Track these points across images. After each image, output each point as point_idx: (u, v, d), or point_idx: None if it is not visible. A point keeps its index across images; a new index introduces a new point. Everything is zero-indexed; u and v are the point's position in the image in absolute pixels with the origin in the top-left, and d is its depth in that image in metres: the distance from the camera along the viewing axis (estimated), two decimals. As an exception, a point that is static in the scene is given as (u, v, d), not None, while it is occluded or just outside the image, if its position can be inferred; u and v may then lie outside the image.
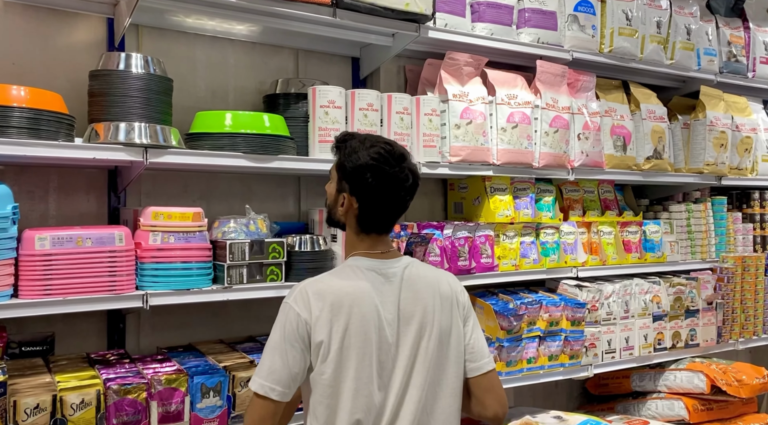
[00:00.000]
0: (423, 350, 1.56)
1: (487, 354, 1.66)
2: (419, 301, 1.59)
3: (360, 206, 1.58)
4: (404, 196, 1.60)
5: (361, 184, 1.56)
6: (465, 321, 1.66)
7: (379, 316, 1.54)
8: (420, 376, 1.55)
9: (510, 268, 2.71)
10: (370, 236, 1.62)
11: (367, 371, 1.50)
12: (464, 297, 1.69)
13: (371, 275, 1.57)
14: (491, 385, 1.63)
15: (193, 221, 1.99)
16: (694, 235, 3.38)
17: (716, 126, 3.37)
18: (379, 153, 1.55)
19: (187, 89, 2.43)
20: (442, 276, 1.69)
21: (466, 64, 2.66)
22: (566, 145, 2.86)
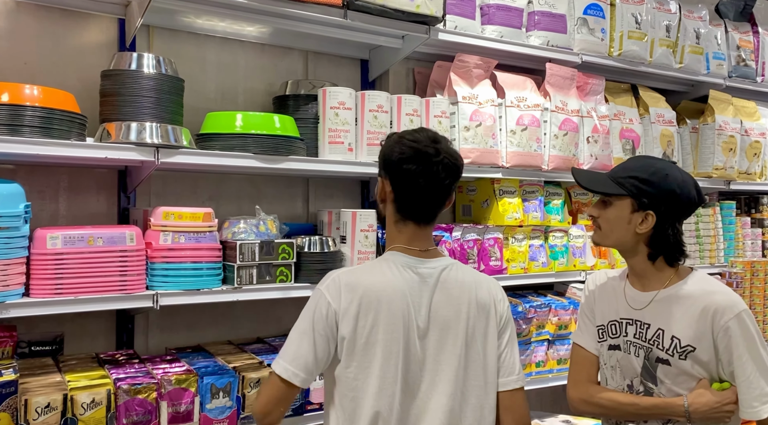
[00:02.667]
0: (452, 357, 1.50)
1: (517, 371, 1.58)
2: (452, 306, 1.53)
3: (393, 188, 1.53)
4: (437, 175, 1.50)
5: (391, 161, 1.52)
6: (501, 332, 1.58)
7: (410, 317, 1.49)
8: (448, 384, 1.49)
9: (519, 271, 2.70)
10: (408, 226, 1.56)
11: (392, 371, 1.47)
12: (503, 307, 1.60)
13: (407, 273, 1.52)
14: (513, 405, 1.55)
15: (204, 221, 1.99)
16: (703, 240, 3.36)
17: (725, 130, 3.36)
18: (411, 134, 1.54)
19: (197, 90, 2.43)
20: (483, 282, 1.61)
21: (475, 67, 2.66)
22: (575, 148, 2.85)
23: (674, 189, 1.68)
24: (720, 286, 1.73)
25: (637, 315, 1.76)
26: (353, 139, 2.33)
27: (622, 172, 1.74)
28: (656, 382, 1.71)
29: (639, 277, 1.78)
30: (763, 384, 1.63)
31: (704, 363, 1.67)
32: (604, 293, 1.86)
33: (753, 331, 1.65)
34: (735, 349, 1.63)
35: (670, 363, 1.69)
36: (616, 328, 1.80)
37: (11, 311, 1.70)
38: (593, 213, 1.77)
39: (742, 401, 1.65)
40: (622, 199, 1.71)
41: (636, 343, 1.75)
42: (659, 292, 1.73)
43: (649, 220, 1.69)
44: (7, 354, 1.86)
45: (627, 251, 1.77)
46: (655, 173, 1.70)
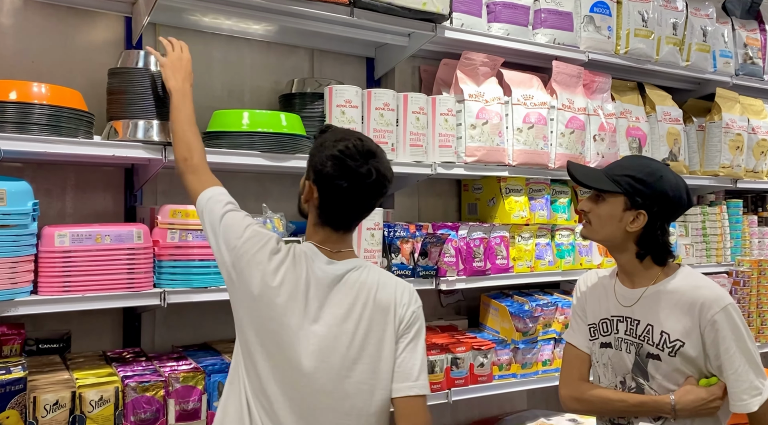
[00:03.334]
0: (336, 355, 1.47)
1: (415, 377, 1.49)
2: (345, 305, 1.50)
3: (320, 196, 1.52)
4: (365, 193, 1.51)
5: (322, 173, 1.50)
6: (402, 336, 1.52)
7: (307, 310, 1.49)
8: (330, 383, 1.47)
9: (525, 270, 2.69)
10: (325, 229, 1.55)
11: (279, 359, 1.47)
12: (406, 311, 1.53)
13: (310, 265, 1.52)
14: (408, 413, 1.47)
15: (211, 219, 1.98)
16: (710, 238, 3.35)
17: (732, 128, 3.34)
18: (346, 146, 1.50)
19: (203, 88, 2.43)
20: (388, 284, 1.56)
21: (482, 64, 2.65)
22: (582, 146, 2.84)
23: (667, 191, 1.70)
24: (706, 281, 1.76)
25: (627, 312, 1.78)
26: (360, 137, 2.32)
27: (618, 169, 1.75)
28: (647, 378, 1.73)
29: (628, 275, 1.80)
30: (751, 377, 1.64)
31: (693, 359, 1.68)
32: (595, 292, 1.88)
33: (739, 324, 1.66)
34: (722, 342, 1.64)
35: (660, 359, 1.70)
36: (608, 326, 1.82)
37: (20, 309, 1.71)
38: (585, 208, 1.78)
39: (731, 394, 1.66)
40: (616, 197, 1.72)
41: (627, 340, 1.77)
42: (648, 289, 1.75)
43: (640, 219, 1.71)
44: (15, 352, 1.87)
45: (615, 248, 1.79)
46: (651, 174, 1.71)
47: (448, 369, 2.39)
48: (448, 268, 2.48)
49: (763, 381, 1.65)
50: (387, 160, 1.57)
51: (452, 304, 2.99)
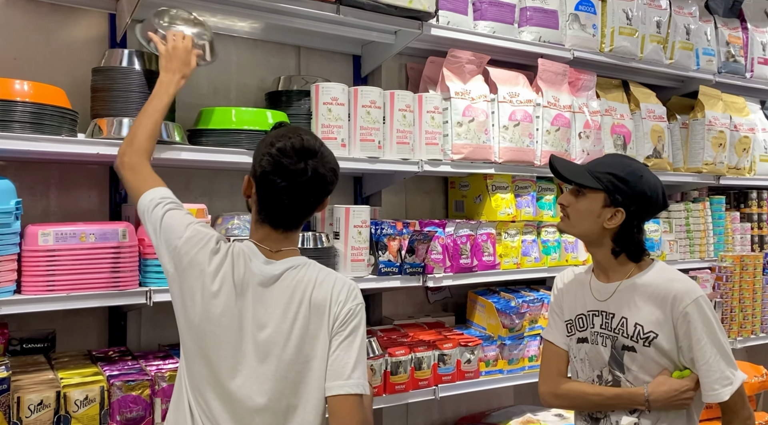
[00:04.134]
0: (273, 356, 1.47)
1: (347, 375, 1.46)
2: (280, 305, 1.49)
3: (257, 193, 1.52)
4: (301, 192, 1.49)
5: (258, 169, 1.50)
6: (336, 334, 1.49)
7: (244, 311, 1.49)
8: (267, 383, 1.46)
9: (512, 266, 2.71)
10: (264, 227, 1.54)
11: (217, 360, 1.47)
12: (342, 309, 1.50)
13: (248, 265, 1.51)
14: (339, 412, 1.45)
15: (197, 217, 1.98)
16: (693, 234, 3.39)
17: (715, 125, 3.38)
18: (284, 144, 1.48)
19: (189, 86, 2.39)
20: (326, 282, 1.52)
21: (468, 62, 2.66)
22: (567, 143, 2.86)
23: (646, 191, 1.75)
24: (678, 275, 1.81)
25: (602, 306, 1.82)
26: (346, 134, 2.33)
27: (600, 167, 1.78)
28: (623, 370, 1.77)
29: (603, 270, 1.84)
30: (723, 366, 1.68)
31: (666, 351, 1.72)
32: (571, 289, 1.93)
33: (710, 316, 1.71)
34: (694, 333, 1.69)
35: (635, 350, 1.74)
36: (584, 321, 1.86)
37: (3, 308, 1.69)
38: (564, 202, 1.82)
39: (703, 384, 1.70)
40: (596, 193, 1.75)
41: (603, 333, 1.81)
42: (622, 283, 1.79)
43: (618, 217, 1.74)
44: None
45: (591, 243, 1.83)
46: (632, 173, 1.75)
47: (435, 365, 2.40)
48: (435, 265, 2.49)
49: (734, 371, 1.70)
50: (331, 159, 1.54)
51: (439, 301, 3.00)
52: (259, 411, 1.45)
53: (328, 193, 1.55)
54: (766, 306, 3.55)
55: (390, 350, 2.29)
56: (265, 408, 1.46)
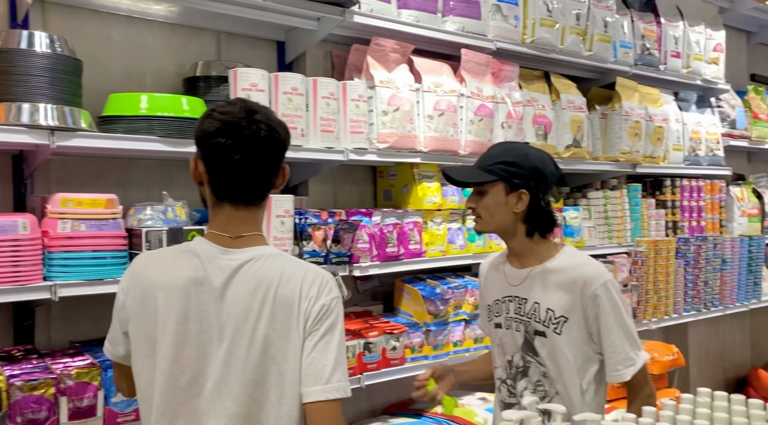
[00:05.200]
0: (238, 359, 1.35)
1: (326, 379, 1.34)
2: (242, 304, 1.36)
3: (207, 168, 1.38)
4: (256, 152, 1.36)
5: (205, 140, 1.36)
6: (310, 334, 1.37)
7: (191, 315, 1.36)
8: (235, 387, 1.35)
9: (438, 254, 2.74)
10: (224, 209, 1.40)
11: (165, 373, 1.36)
12: (314, 305, 1.37)
13: (196, 262, 1.38)
14: (317, 419, 1.35)
15: (106, 208, 1.90)
16: (611, 221, 3.53)
17: (631, 116, 3.53)
18: (226, 108, 1.38)
19: (101, 71, 2.30)
20: (294, 276, 1.39)
21: (392, 51, 2.66)
22: (491, 133, 2.91)
23: (537, 165, 1.80)
24: (588, 259, 1.87)
25: (516, 292, 1.87)
26: (267, 122, 2.27)
27: (489, 160, 1.83)
28: (537, 353, 1.82)
29: (517, 256, 1.89)
30: (627, 348, 1.75)
31: (575, 337, 1.78)
32: (491, 275, 1.99)
33: (617, 299, 1.78)
34: (602, 316, 1.75)
35: (545, 335, 1.80)
36: (499, 307, 1.92)
37: None
38: (472, 205, 1.86)
39: (607, 366, 1.78)
40: (495, 185, 1.80)
41: (516, 319, 1.86)
42: (534, 268, 1.85)
43: (523, 199, 1.80)
44: None
45: (507, 233, 1.87)
46: (518, 155, 1.81)
47: (361, 354, 2.40)
48: (361, 254, 2.49)
49: (638, 353, 1.77)
50: (277, 118, 1.43)
51: (369, 290, 3.00)
52: (229, 417, 1.35)
53: (283, 150, 1.42)
54: (679, 288, 3.75)
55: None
56: (236, 414, 1.36)
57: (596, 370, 1.80)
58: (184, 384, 1.37)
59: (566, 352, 1.78)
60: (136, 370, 1.42)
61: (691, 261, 3.80)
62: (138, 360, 1.41)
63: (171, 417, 1.38)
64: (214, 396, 1.36)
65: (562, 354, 1.78)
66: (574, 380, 1.78)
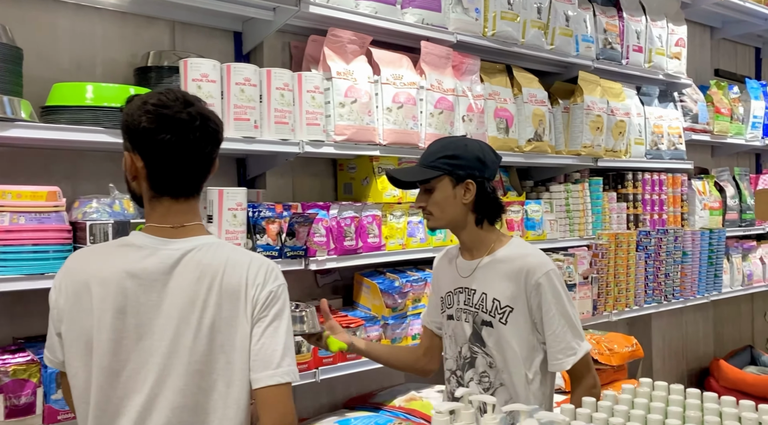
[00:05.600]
0: (184, 349, 1.34)
1: (276, 364, 1.36)
2: (187, 294, 1.36)
3: (146, 163, 1.37)
4: (195, 144, 1.36)
5: (139, 134, 1.35)
6: (258, 321, 1.38)
7: (129, 308, 1.34)
8: (179, 379, 1.34)
9: (397, 247, 2.73)
10: (163, 202, 1.40)
11: (104, 368, 1.33)
12: (261, 292, 1.39)
13: (134, 255, 1.36)
14: (271, 402, 1.36)
15: (48, 201, 1.85)
16: (573, 214, 3.56)
17: (593, 110, 3.55)
18: (158, 99, 1.36)
19: (48, 60, 2.24)
20: (239, 264, 1.40)
21: (350, 42, 2.63)
22: (451, 126, 2.91)
23: (478, 155, 1.84)
24: (533, 249, 1.90)
25: (465, 283, 1.89)
26: (218, 113, 2.23)
27: (430, 157, 1.85)
28: (484, 344, 1.84)
29: (468, 249, 1.91)
30: (568, 338, 1.78)
31: (520, 327, 1.80)
32: (444, 268, 2.01)
33: (560, 288, 1.81)
34: (544, 305, 1.78)
35: (492, 325, 1.82)
36: (451, 298, 1.93)
37: None
38: (421, 203, 1.88)
39: (549, 354, 1.81)
40: (441, 180, 1.82)
41: (465, 310, 1.88)
42: (483, 259, 1.88)
43: (471, 189, 1.82)
44: None
45: (458, 226, 1.89)
46: (457, 147, 1.84)
47: (316, 348, 2.38)
48: (318, 248, 2.47)
49: (580, 342, 1.79)
50: (209, 109, 1.44)
51: (329, 284, 2.98)
52: (174, 410, 1.34)
53: (219, 142, 1.43)
54: (640, 280, 3.80)
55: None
56: (182, 406, 1.34)
57: (541, 360, 1.82)
58: (125, 379, 1.35)
59: (512, 342, 1.79)
60: (71, 371, 1.38)
61: (652, 253, 3.85)
62: (72, 359, 1.37)
63: (112, 414, 1.35)
64: (156, 391, 1.34)
65: (508, 343, 1.79)
66: (520, 370, 1.80)
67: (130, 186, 1.45)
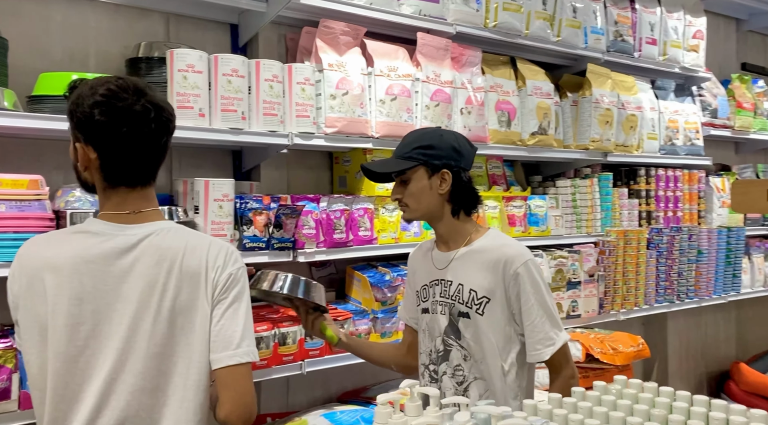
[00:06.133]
0: (144, 333, 1.34)
1: (235, 345, 1.37)
2: (147, 277, 1.36)
3: (99, 155, 1.35)
4: (149, 134, 1.36)
5: (92, 126, 1.33)
6: (218, 302, 1.39)
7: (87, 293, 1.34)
8: (139, 362, 1.35)
9: (390, 241, 2.70)
10: (119, 191, 1.39)
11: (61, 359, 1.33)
12: (221, 274, 1.39)
13: (90, 241, 1.35)
14: (230, 382, 1.37)
15: (29, 189, 1.88)
16: (580, 210, 3.47)
17: (601, 103, 3.45)
18: (108, 88, 1.33)
19: (40, 52, 2.27)
20: (199, 247, 1.40)
21: (342, 34, 2.61)
22: (448, 119, 2.86)
23: (453, 144, 1.80)
24: (510, 240, 1.88)
25: (441, 275, 1.86)
26: (205, 104, 2.24)
27: (405, 148, 1.82)
28: (460, 336, 1.80)
29: (444, 240, 1.88)
30: (547, 328, 1.74)
31: (498, 317, 1.76)
32: (419, 261, 1.98)
33: (538, 278, 1.77)
34: (522, 295, 1.74)
35: (469, 316, 1.78)
36: (426, 291, 1.90)
37: None
38: (398, 195, 1.85)
39: (528, 345, 1.77)
40: (417, 171, 1.80)
41: (441, 302, 1.85)
42: (459, 250, 1.84)
43: (446, 179, 1.80)
44: None
45: (435, 217, 1.86)
46: (432, 138, 1.81)
47: (302, 340, 2.37)
48: (306, 240, 2.45)
49: (558, 333, 1.75)
50: (160, 95, 1.43)
51: (324, 277, 2.97)
52: (133, 392, 1.34)
53: (172, 131, 1.43)
54: (650, 279, 3.69)
55: (251, 326, 2.25)
56: (141, 388, 1.35)
57: (518, 351, 1.78)
58: (82, 364, 1.35)
59: (488, 333, 1.76)
60: (25, 357, 1.39)
61: (664, 251, 3.73)
62: (27, 346, 1.38)
63: (70, 400, 1.35)
64: (114, 375, 1.35)
65: (485, 334, 1.76)
66: (496, 361, 1.76)
67: (81, 176, 1.44)
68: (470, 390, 1.78)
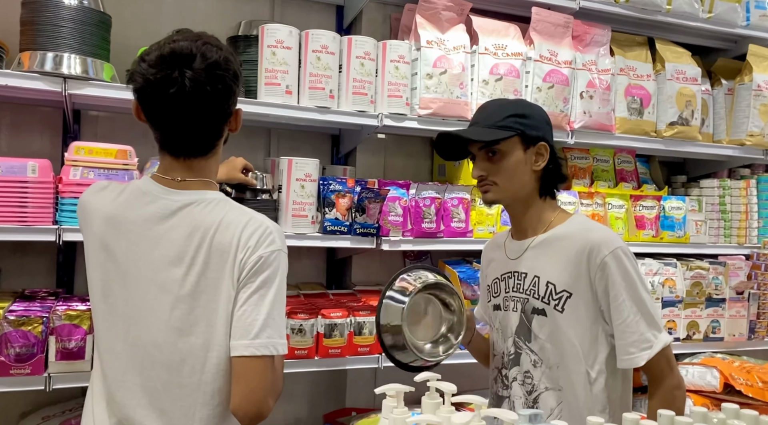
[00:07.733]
0: (164, 305, 1.29)
1: (253, 335, 1.26)
2: (173, 246, 1.29)
3: (144, 111, 1.32)
4: (180, 106, 1.27)
5: (135, 93, 1.31)
6: (243, 285, 1.28)
7: (113, 251, 1.32)
8: (159, 334, 1.29)
9: (487, 235, 2.46)
10: (165, 156, 1.36)
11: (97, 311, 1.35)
12: (252, 257, 1.28)
13: (137, 201, 1.34)
14: (242, 374, 1.26)
15: (117, 158, 1.94)
16: (729, 215, 2.94)
17: (763, 91, 2.90)
18: (151, 55, 1.29)
19: (152, 35, 2.31)
20: (235, 224, 1.30)
21: (445, 9, 2.42)
22: (564, 103, 2.55)
23: (544, 115, 1.60)
24: (597, 225, 1.58)
25: (514, 266, 1.60)
26: (293, 81, 2.19)
27: (494, 117, 1.56)
28: (531, 338, 1.54)
29: (522, 228, 1.63)
30: (642, 328, 1.43)
31: (581, 317, 1.47)
32: (493, 253, 1.73)
33: (631, 269, 1.45)
34: (612, 288, 1.45)
35: (546, 314, 1.51)
36: (498, 286, 1.65)
37: None
38: (482, 173, 1.59)
39: (618, 348, 1.46)
40: (509, 143, 1.54)
41: (514, 297, 1.59)
42: (536, 238, 1.57)
43: (543, 153, 1.56)
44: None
45: (520, 199, 1.59)
46: (526, 106, 1.60)
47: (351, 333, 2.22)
48: (392, 228, 2.31)
49: (656, 334, 1.44)
50: (218, 59, 1.30)
51: (421, 271, 2.80)
52: (155, 364, 1.30)
53: (220, 100, 1.31)
54: (822, 305, 3.02)
55: (324, 312, 2.15)
56: (160, 363, 1.30)
57: (607, 354, 1.49)
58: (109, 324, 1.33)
59: (569, 333, 1.49)
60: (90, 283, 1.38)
61: (843, 273, 3.04)
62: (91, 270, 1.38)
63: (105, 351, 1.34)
64: (137, 342, 1.30)
65: (565, 335, 1.49)
66: (580, 367, 1.48)
67: None
68: (540, 402, 1.51)
